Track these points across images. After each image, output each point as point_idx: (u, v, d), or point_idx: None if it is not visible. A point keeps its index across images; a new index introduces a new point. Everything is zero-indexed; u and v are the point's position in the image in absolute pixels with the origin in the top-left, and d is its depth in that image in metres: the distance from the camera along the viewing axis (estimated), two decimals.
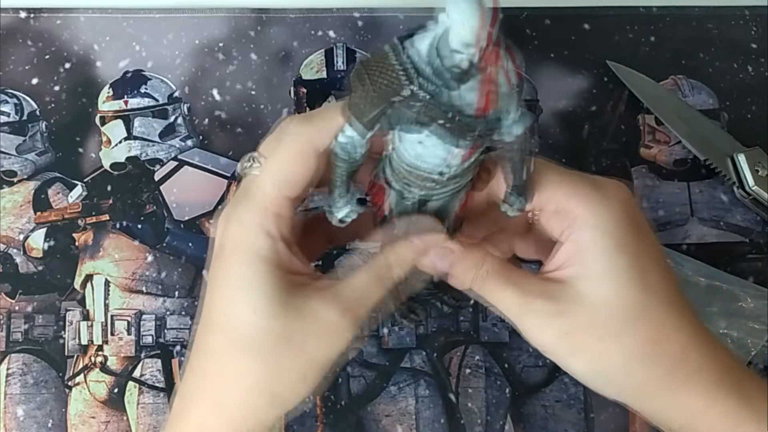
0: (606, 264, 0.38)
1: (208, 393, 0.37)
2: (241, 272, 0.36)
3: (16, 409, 0.62)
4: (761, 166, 0.63)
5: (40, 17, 0.68)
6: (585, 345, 0.38)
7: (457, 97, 0.33)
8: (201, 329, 0.38)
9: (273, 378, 0.36)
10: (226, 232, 0.38)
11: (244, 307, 0.36)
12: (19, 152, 0.66)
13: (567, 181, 0.39)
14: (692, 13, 0.69)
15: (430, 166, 0.36)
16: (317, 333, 0.36)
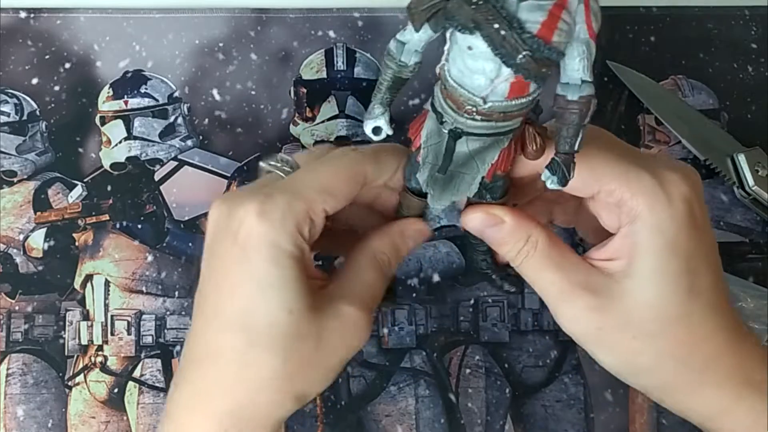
0: (657, 266, 0.37)
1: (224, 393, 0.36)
2: (273, 271, 0.35)
3: (16, 409, 0.62)
4: (761, 166, 0.63)
5: (40, 17, 0.68)
6: (617, 342, 0.38)
7: (522, 10, 0.31)
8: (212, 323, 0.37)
9: (299, 377, 0.36)
10: (248, 219, 0.36)
11: (278, 307, 0.35)
12: (19, 152, 0.66)
13: (634, 178, 0.37)
14: (692, 13, 0.69)
15: (473, 86, 0.34)
16: (342, 332, 0.37)
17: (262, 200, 0.36)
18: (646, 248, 0.37)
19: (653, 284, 0.37)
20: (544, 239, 0.39)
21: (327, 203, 0.37)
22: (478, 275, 0.64)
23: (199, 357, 0.37)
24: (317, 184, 0.37)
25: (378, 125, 0.37)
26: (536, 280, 0.39)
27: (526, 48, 0.31)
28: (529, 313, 0.64)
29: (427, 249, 0.64)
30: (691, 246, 0.37)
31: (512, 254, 0.39)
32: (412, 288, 0.64)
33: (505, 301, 0.64)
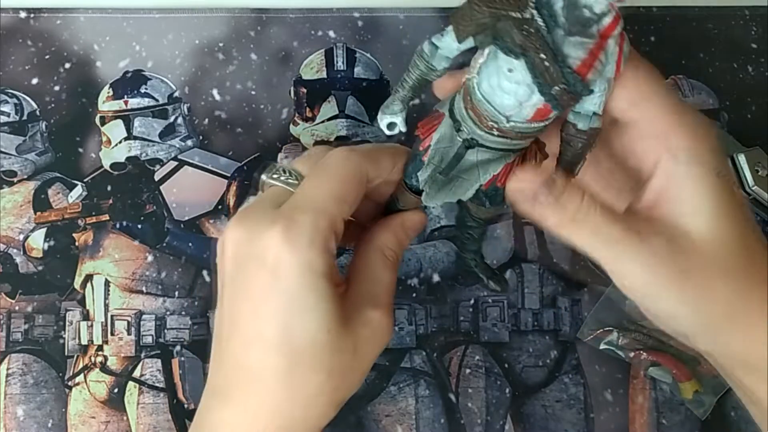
0: (710, 199, 0.35)
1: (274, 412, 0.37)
2: (308, 293, 0.36)
3: (16, 409, 0.62)
4: (761, 166, 0.63)
5: (40, 17, 0.68)
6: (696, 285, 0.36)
7: (567, 45, 0.32)
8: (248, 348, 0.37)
9: (341, 388, 0.38)
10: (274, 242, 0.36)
11: (316, 328, 0.36)
12: (19, 152, 0.66)
13: (677, 109, 0.36)
14: (692, 13, 0.69)
15: (501, 105, 0.35)
16: (373, 337, 0.38)
17: (287, 224, 0.36)
18: (695, 182, 0.35)
19: (712, 217, 0.35)
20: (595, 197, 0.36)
21: (344, 213, 0.38)
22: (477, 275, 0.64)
23: (240, 378, 0.38)
24: (333, 195, 0.37)
25: (394, 122, 0.37)
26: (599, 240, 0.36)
27: (564, 81, 0.33)
28: (529, 313, 0.64)
29: (427, 249, 0.64)
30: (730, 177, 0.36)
31: (568, 215, 0.36)
32: (412, 288, 0.64)
33: (505, 301, 0.64)
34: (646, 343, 0.61)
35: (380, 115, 0.38)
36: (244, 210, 0.39)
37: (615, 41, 0.33)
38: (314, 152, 0.41)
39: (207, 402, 0.40)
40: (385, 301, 0.39)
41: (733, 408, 0.62)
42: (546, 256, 0.65)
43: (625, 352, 0.62)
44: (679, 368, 0.60)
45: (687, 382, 0.60)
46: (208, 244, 0.64)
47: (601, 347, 0.62)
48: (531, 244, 0.65)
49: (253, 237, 0.37)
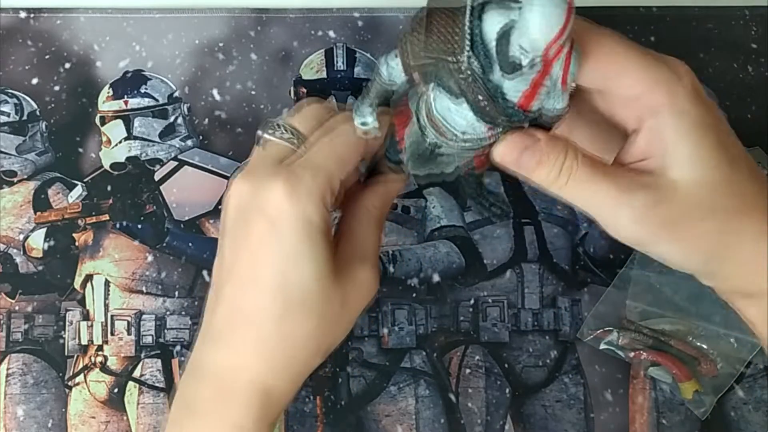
0: (694, 147, 0.37)
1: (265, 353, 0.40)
2: (301, 242, 0.38)
3: (16, 409, 0.62)
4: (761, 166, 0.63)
5: (40, 17, 0.68)
6: (684, 230, 0.38)
7: (506, 82, 0.33)
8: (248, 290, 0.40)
9: (328, 335, 0.40)
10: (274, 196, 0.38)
11: (309, 277, 0.39)
12: (19, 152, 0.66)
13: (648, 68, 0.38)
14: (692, 13, 0.69)
15: (455, 124, 0.36)
16: (359, 291, 0.41)
17: (288, 178, 0.38)
18: (678, 134, 0.37)
19: (697, 164, 0.37)
20: (581, 151, 0.38)
21: (343, 173, 0.40)
22: (477, 275, 0.64)
23: (235, 320, 0.40)
24: (335, 156, 0.39)
25: (365, 121, 0.39)
26: (586, 195, 0.38)
27: (505, 116, 0.34)
28: (529, 313, 0.64)
29: (427, 249, 0.64)
30: (713, 121, 0.38)
31: (554, 174, 0.38)
32: (412, 288, 0.64)
33: (505, 301, 0.64)
34: (646, 343, 0.61)
35: (354, 115, 0.39)
36: (247, 165, 0.40)
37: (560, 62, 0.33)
38: (310, 111, 0.42)
39: (200, 345, 0.42)
40: (371, 257, 0.42)
41: (733, 408, 0.62)
42: (546, 256, 0.65)
43: (625, 352, 0.62)
44: (679, 368, 0.60)
45: (687, 382, 0.60)
46: (208, 244, 0.64)
47: (601, 347, 0.62)
48: (531, 244, 0.65)
49: (256, 189, 0.39)
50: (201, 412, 0.41)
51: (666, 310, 0.62)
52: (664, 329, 0.62)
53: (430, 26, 0.33)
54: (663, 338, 0.61)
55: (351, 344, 0.63)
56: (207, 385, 0.41)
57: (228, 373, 0.40)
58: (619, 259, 0.63)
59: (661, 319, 0.62)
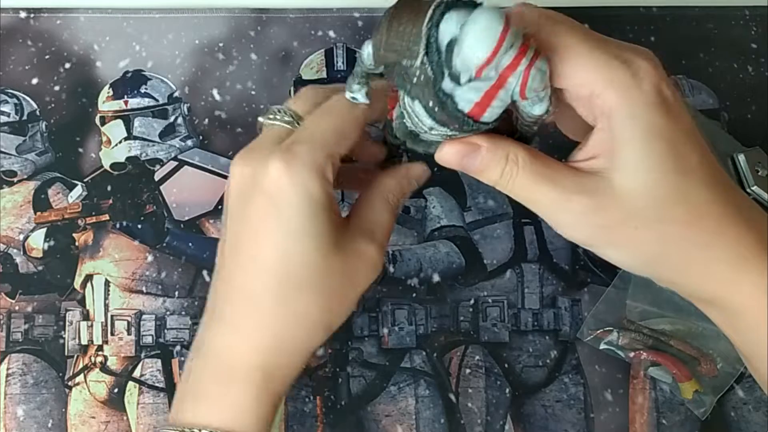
0: (641, 154, 0.37)
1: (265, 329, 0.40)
2: (301, 215, 0.38)
3: (16, 409, 0.62)
4: (761, 166, 0.63)
5: (40, 17, 0.68)
6: (623, 236, 0.38)
7: (458, 90, 0.33)
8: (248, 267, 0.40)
9: (329, 310, 0.40)
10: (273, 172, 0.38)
11: (309, 249, 0.38)
12: (19, 152, 0.66)
13: (603, 67, 0.37)
14: (692, 13, 0.69)
15: (420, 121, 0.37)
16: (363, 268, 0.41)
17: (286, 155, 0.38)
18: (626, 138, 0.37)
19: (641, 171, 0.37)
20: (524, 154, 0.38)
21: (342, 146, 0.40)
22: (477, 275, 0.64)
23: (235, 299, 0.40)
24: (332, 129, 0.40)
25: (354, 96, 0.40)
26: (528, 197, 0.39)
27: (456, 122, 0.34)
28: (529, 313, 0.64)
29: (427, 249, 0.64)
30: (669, 128, 0.37)
31: (496, 177, 0.39)
32: (412, 288, 0.64)
33: (505, 301, 0.64)
34: (646, 343, 0.61)
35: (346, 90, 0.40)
36: (246, 147, 0.41)
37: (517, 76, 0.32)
38: (308, 93, 0.42)
39: (203, 325, 0.42)
40: (380, 238, 0.41)
41: (733, 408, 0.62)
42: (546, 256, 0.65)
43: (625, 352, 0.62)
44: (679, 368, 0.60)
45: (687, 382, 0.60)
46: (208, 244, 0.64)
47: (601, 347, 0.62)
48: (531, 244, 0.65)
49: (255, 169, 0.39)
50: (202, 392, 0.41)
51: (666, 310, 0.62)
52: (664, 329, 0.62)
53: (390, 26, 0.33)
54: (663, 338, 0.61)
55: (351, 344, 0.63)
56: (208, 364, 0.41)
57: (228, 352, 0.40)
58: None
59: (661, 319, 0.62)
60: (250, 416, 0.40)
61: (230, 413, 0.40)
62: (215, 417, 0.40)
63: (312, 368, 0.62)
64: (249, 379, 0.40)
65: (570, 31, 0.37)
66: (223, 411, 0.40)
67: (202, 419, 0.40)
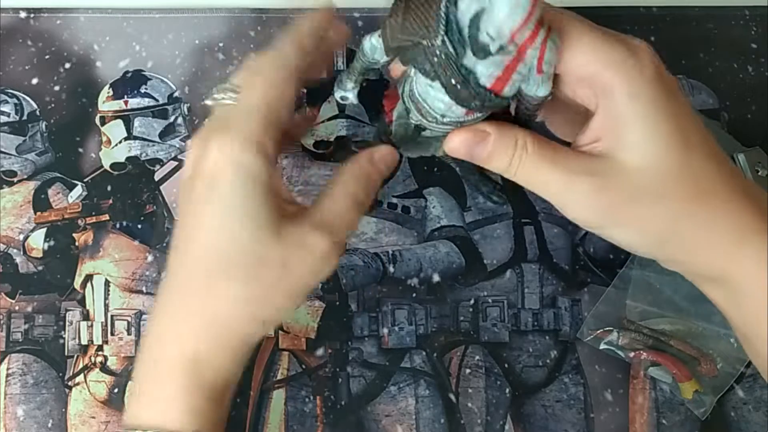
0: (645, 131, 0.37)
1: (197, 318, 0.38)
2: (236, 194, 0.36)
3: (16, 409, 0.62)
4: (761, 166, 0.63)
5: (40, 17, 0.68)
6: (629, 215, 0.38)
7: (479, 66, 0.34)
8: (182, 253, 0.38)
9: (263, 302, 0.38)
10: (211, 153, 0.37)
11: (242, 231, 0.36)
12: (19, 152, 0.66)
13: (605, 48, 0.37)
14: (692, 13, 0.69)
15: (434, 106, 0.37)
16: (310, 262, 0.37)
17: (220, 133, 0.37)
18: (630, 116, 0.37)
19: (646, 148, 0.37)
20: (532, 139, 0.38)
21: (279, 108, 0.38)
22: (477, 275, 0.64)
23: (171, 286, 0.39)
24: (264, 94, 0.37)
25: (346, 95, 0.40)
26: (536, 182, 0.39)
27: (478, 100, 0.35)
28: (529, 313, 0.64)
29: (427, 249, 0.64)
30: (671, 105, 0.38)
31: (505, 163, 0.39)
32: (412, 288, 0.64)
33: (505, 301, 0.64)
34: (646, 343, 0.61)
35: (335, 88, 0.40)
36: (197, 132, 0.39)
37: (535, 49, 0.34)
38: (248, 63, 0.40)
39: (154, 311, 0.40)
40: (332, 229, 0.38)
41: (733, 408, 0.62)
42: (546, 256, 0.65)
43: (625, 352, 0.62)
44: (679, 368, 0.60)
45: (687, 382, 0.60)
46: None
47: (601, 347, 0.62)
48: (531, 244, 0.65)
49: (199, 152, 0.37)
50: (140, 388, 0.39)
51: (666, 310, 0.62)
52: (664, 329, 0.62)
53: (407, 9, 0.34)
54: (663, 338, 0.61)
55: (351, 344, 0.63)
56: (144, 358, 0.39)
57: (159, 342, 0.39)
58: (619, 259, 0.63)
59: (661, 319, 0.62)
60: (179, 410, 0.38)
61: (160, 408, 0.38)
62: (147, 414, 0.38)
63: (312, 368, 0.62)
64: (174, 371, 0.38)
65: (571, 17, 0.38)
66: (153, 406, 0.38)
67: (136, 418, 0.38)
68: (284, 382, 0.62)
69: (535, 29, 0.33)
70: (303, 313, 0.63)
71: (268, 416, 0.62)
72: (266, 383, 0.62)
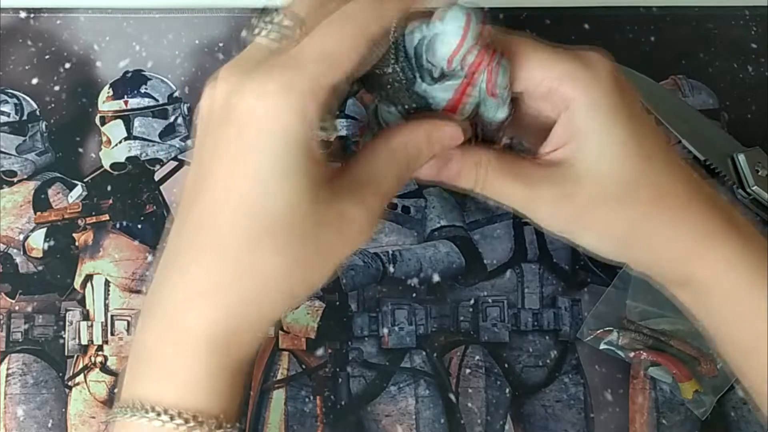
0: (603, 140, 0.38)
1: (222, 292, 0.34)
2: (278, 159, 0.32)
3: (16, 409, 0.62)
4: (761, 166, 0.63)
5: (40, 17, 0.68)
6: (593, 219, 0.40)
7: (432, 91, 0.36)
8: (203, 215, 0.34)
9: (297, 277, 0.34)
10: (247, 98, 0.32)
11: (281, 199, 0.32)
12: (19, 152, 0.66)
13: (557, 63, 0.38)
14: (692, 13, 0.69)
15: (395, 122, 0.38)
16: (346, 234, 0.34)
17: (264, 78, 0.32)
18: (587, 126, 0.38)
19: (604, 157, 0.39)
20: (493, 157, 0.40)
21: (333, 76, 0.33)
22: (477, 275, 0.64)
23: (200, 245, 0.34)
24: (322, 55, 0.33)
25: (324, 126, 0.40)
26: (501, 196, 0.40)
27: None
28: (529, 313, 0.64)
29: (427, 249, 0.64)
30: (627, 113, 0.39)
31: (471, 182, 0.40)
32: (412, 288, 0.64)
33: (505, 301, 0.64)
34: (646, 343, 0.61)
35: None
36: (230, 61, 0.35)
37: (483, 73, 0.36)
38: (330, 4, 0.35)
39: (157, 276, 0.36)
40: (371, 197, 0.35)
41: (733, 408, 0.62)
42: (546, 256, 0.65)
43: (625, 352, 0.62)
44: (679, 368, 0.60)
45: (687, 382, 0.60)
46: None
47: (601, 347, 0.62)
48: (531, 244, 0.65)
49: (229, 92, 0.34)
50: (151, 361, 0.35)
51: (666, 310, 0.62)
52: (664, 329, 0.62)
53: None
54: (663, 338, 0.61)
55: (351, 344, 0.63)
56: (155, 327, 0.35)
57: (177, 312, 0.34)
58: None
59: (661, 319, 0.62)
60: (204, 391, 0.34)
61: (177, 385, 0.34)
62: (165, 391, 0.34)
63: (312, 368, 0.62)
64: (203, 347, 0.34)
65: (521, 38, 0.39)
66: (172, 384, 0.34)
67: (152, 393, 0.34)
68: (284, 382, 0.62)
69: (482, 53, 0.35)
70: (303, 313, 0.63)
71: (268, 416, 0.62)
72: (266, 383, 0.62)
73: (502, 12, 0.66)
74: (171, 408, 0.33)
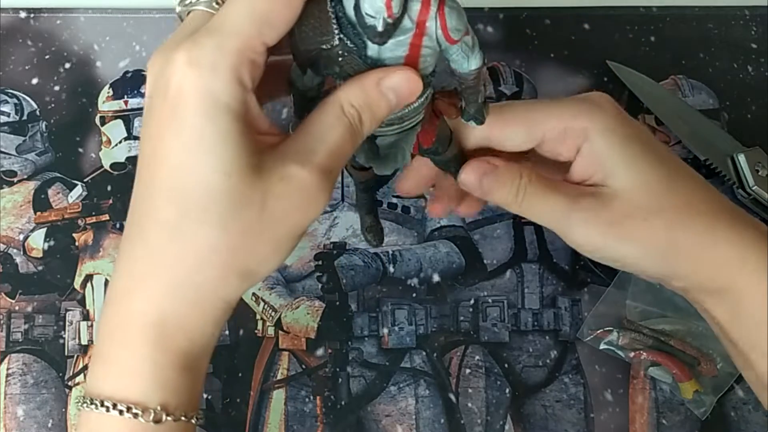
0: (626, 157, 0.41)
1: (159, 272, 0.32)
2: (206, 127, 0.31)
3: (16, 409, 0.62)
4: (761, 166, 0.63)
5: (40, 17, 0.68)
6: (633, 228, 0.41)
7: (384, 51, 0.34)
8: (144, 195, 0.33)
9: (242, 250, 0.32)
10: (175, 71, 0.31)
11: (212, 170, 0.31)
12: (19, 152, 0.66)
13: (569, 105, 0.43)
14: (692, 13, 0.69)
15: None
16: (295, 199, 0.32)
17: (189, 48, 0.31)
18: (609, 149, 0.41)
19: (631, 170, 0.41)
20: (530, 170, 0.42)
21: (267, 34, 0.32)
22: (477, 275, 0.64)
23: (133, 233, 0.34)
24: (252, 14, 0.31)
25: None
26: (540, 208, 0.42)
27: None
28: (529, 313, 0.64)
29: (427, 249, 0.64)
30: (638, 133, 0.43)
31: (512, 194, 0.42)
32: (412, 288, 0.64)
33: (505, 301, 0.64)
34: (646, 343, 0.61)
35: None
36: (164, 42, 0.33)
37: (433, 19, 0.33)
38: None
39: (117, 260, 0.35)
40: (321, 161, 0.32)
41: (733, 408, 0.62)
42: (546, 256, 0.65)
43: (625, 352, 0.62)
44: (679, 368, 0.60)
45: (687, 382, 0.60)
46: None
47: (601, 347, 0.62)
48: (531, 244, 0.65)
49: (161, 67, 0.32)
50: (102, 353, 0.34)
51: (666, 310, 0.62)
52: (664, 329, 0.62)
53: (300, 21, 0.33)
54: (663, 338, 0.61)
55: (351, 344, 0.63)
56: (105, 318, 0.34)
57: (120, 301, 0.33)
58: None
59: (661, 319, 0.62)
60: (143, 379, 0.33)
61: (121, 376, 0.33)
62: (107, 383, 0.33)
63: (312, 368, 0.62)
64: (140, 333, 0.32)
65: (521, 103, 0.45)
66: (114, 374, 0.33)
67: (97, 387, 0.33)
68: (284, 382, 0.62)
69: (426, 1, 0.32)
70: (303, 313, 0.63)
71: (268, 416, 0.62)
72: (266, 383, 0.62)
73: (502, 12, 0.66)
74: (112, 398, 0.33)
